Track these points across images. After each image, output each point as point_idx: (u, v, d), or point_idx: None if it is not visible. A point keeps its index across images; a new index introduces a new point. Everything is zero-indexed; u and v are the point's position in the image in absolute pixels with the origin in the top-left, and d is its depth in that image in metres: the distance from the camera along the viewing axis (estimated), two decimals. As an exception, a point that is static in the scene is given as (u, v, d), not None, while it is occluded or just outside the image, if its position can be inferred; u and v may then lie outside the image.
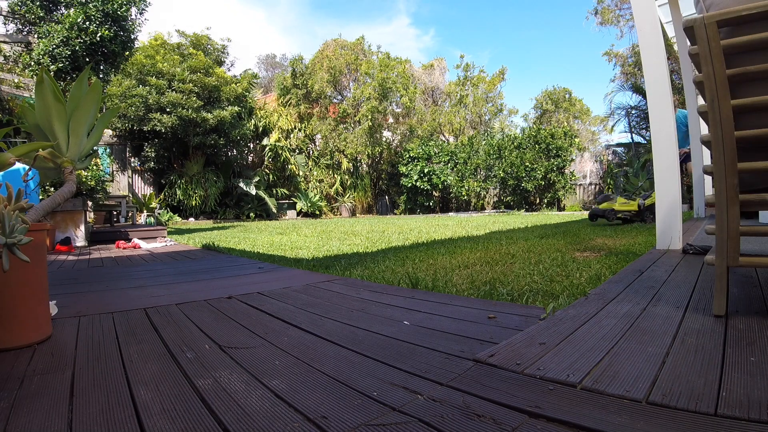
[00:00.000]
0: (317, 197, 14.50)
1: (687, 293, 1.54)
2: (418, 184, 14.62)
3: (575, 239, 3.88)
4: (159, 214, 9.81)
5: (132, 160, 12.20)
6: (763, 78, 1.15)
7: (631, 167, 12.39)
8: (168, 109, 10.78)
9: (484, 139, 15.14)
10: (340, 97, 16.85)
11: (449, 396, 0.83)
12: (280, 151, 14.22)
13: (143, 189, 12.45)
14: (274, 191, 13.99)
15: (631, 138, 14.69)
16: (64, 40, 5.22)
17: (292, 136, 15.05)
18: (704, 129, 1.28)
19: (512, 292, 1.79)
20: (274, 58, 31.59)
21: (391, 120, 17.16)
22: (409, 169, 14.85)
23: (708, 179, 5.27)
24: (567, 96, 18.68)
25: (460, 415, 0.75)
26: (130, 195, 10.29)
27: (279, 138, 14.33)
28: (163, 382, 0.95)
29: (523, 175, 13.32)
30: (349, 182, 15.64)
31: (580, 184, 14.93)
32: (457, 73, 17.91)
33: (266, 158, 14.26)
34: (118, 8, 5.54)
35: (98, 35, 5.36)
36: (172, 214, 11.12)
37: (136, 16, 6.02)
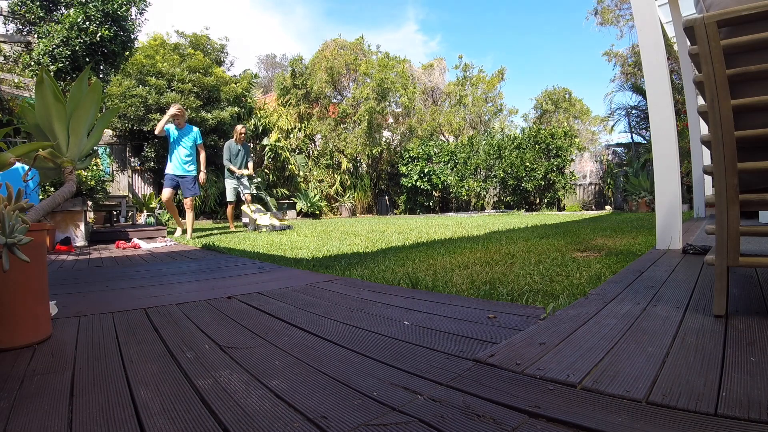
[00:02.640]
0: (317, 197, 14.50)
1: (687, 293, 1.54)
2: (418, 184, 14.62)
3: (575, 239, 3.88)
4: (159, 214, 9.81)
5: (132, 160, 12.20)
6: (763, 78, 1.15)
7: (631, 167, 12.40)
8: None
9: (484, 139, 15.13)
10: (339, 97, 16.85)
11: (449, 396, 0.83)
12: (280, 151, 14.22)
13: (143, 189, 12.45)
14: (274, 191, 13.99)
15: (631, 138, 14.70)
16: (64, 40, 5.21)
17: (291, 136, 15.05)
18: (704, 129, 1.28)
19: (512, 292, 1.79)
20: (274, 58, 31.59)
21: (390, 120, 17.16)
22: (409, 169, 14.85)
23: (708, 179, 5.27)
24: (567, 96, 18.68)
25: (460, 415, 0.75)
26: (130, 195, 10.29)
27: (279, 138, 14.33)
28: (163, 382, 0.95)
29: (523, 175, 13.32)
30: (348, 182, 15.64)
31: (580, 184, 14.94)
32: (456, 73, 17.93)
33: (266, 158, 14.26)
34: (118, 8, 5.53)
35: (98, 35, 5.35)
36: (172, 214, 11.11)
37: (136, 16, 6.02)
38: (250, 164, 7.19)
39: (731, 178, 1.16)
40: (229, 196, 7.21)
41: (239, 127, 6.92)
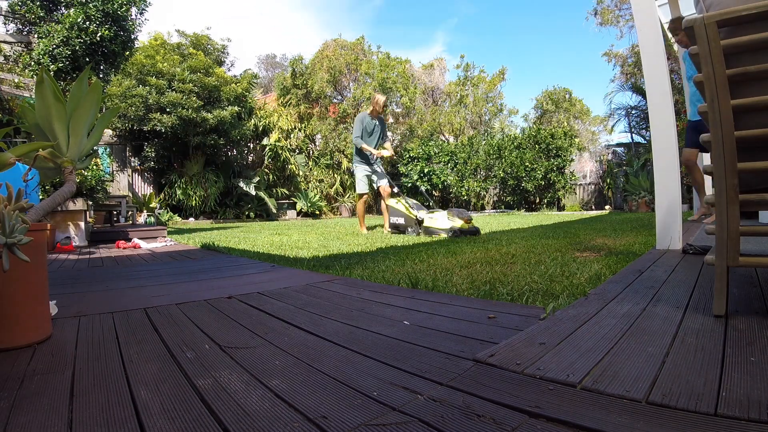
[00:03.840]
0: (317, 197, 14.50)
1: (687, 293, 1.54)
2: (418, 184, 14.62)
3: (575, 239, 3.88)
4: (159, 213, 9.81)
5: (132, 159, 12.21)
6: (763, 78, 1.15)
7: (631, 167, 12.40)
8: (168, 109, 10.78)
9: (484, 139, 15.14)
10: (340, 97, 16.84)
11: (449, 396, 0.83)
12: (280, 151, 14.22)
13: (143, 189, 12.45)
14: (274, 191, 13.99)
15: (631, 138, 14.71)
16: (64, 40, 5.21)
17: (292, 136, 15.05)
18: (704, 129, 1.28)
19: (512, 292, 1.79)
20: (274, 58, 31.60)
21: (391, 120, 17.16)
22: (409, 169, 14.85)
23: (708, 179, 5.27)
24: (567, 96, 18.67)
25: (460, 415, 0.75)
26: (130, 195, 10.29)
27: (279, 138, 14.33)
28: (163, 382, 0.95)
29: (523, 175, 13.33)
30: (349, 182, 15.64)
31: (580, 184, 14.93)
32: (457, 73, 17.94)
33: (266, 158, 14.26)
34: (118, 8, 5.54)
35: (98, 35, 5.36)
36: (172, 213, 11.13)
37: (136, 16, 6.03)
38: (388, 144, 5.63)
39: (731, 178, 1.16)
40: (361, 187, 5.61)
41: (379, 97, 5.43)
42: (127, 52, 6.03)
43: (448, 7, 60.27)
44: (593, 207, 14.37)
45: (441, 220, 4.85)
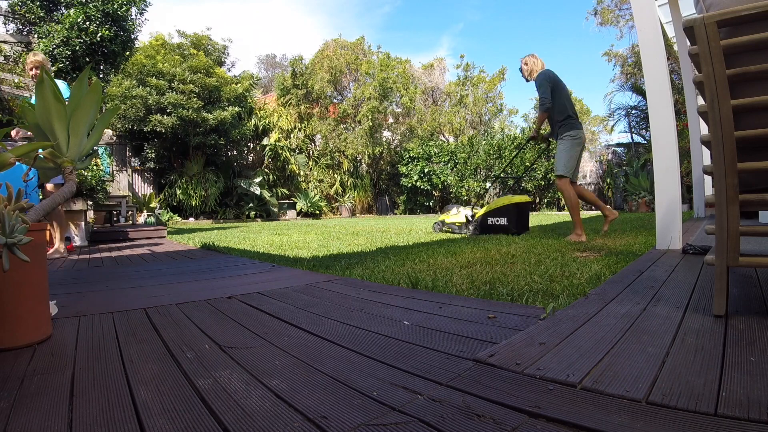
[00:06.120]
0: (317, 197, 14.51)
1: (687, 293, 1.54)
2: (418, 184, 14.64)
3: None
4: (159, 213, 9.81)
5: (132, 159, 12.21)
6: (763, 78, 1.15)
7: (630, 167, 12.40)
8: (168, 110, 10.78)
9: (484, 139, 15.15)
10: (340, 97, 16.85)
11: (449, 396, 0.83)
12: (280, 151, 14.23)
13: (143, 189, 12.45)
14: (274, 191, 14.00)
15: (631, 138, 14.70)
16: (64, 40, 5.22)
17: (292, 136, 15.05)
18: (704, 129, 1.28)
19: (512, 292, 1.79)
20: (274, 58, 31.61)
21: (391, 120, 17.16)
22: (409, 169, 14.85)
23: (708, 179, 5.27)
24: (567, 96, 18.64)
25: (460, 415, 0.75)
26: (130, 195, 10.29)
27: (279, 138, 14.33)
28: (163, 382, 0.95)
29: (523, 174, 13.33)
30: (349, 182, 15.64)
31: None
32: (457, 73, 17.94)
33: (266, 158, 14.27)
34: (118, 8, 5.54)
35: (98, 35, 5.36)
36: (172, 214, 11.13)
37: (136, 16, 6.04)
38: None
39: (731, 178, 1.16)
40: (567, 168, 3.78)
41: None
42: (127, 53, 6.04)
43: (454, 13, 62.38)
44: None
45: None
